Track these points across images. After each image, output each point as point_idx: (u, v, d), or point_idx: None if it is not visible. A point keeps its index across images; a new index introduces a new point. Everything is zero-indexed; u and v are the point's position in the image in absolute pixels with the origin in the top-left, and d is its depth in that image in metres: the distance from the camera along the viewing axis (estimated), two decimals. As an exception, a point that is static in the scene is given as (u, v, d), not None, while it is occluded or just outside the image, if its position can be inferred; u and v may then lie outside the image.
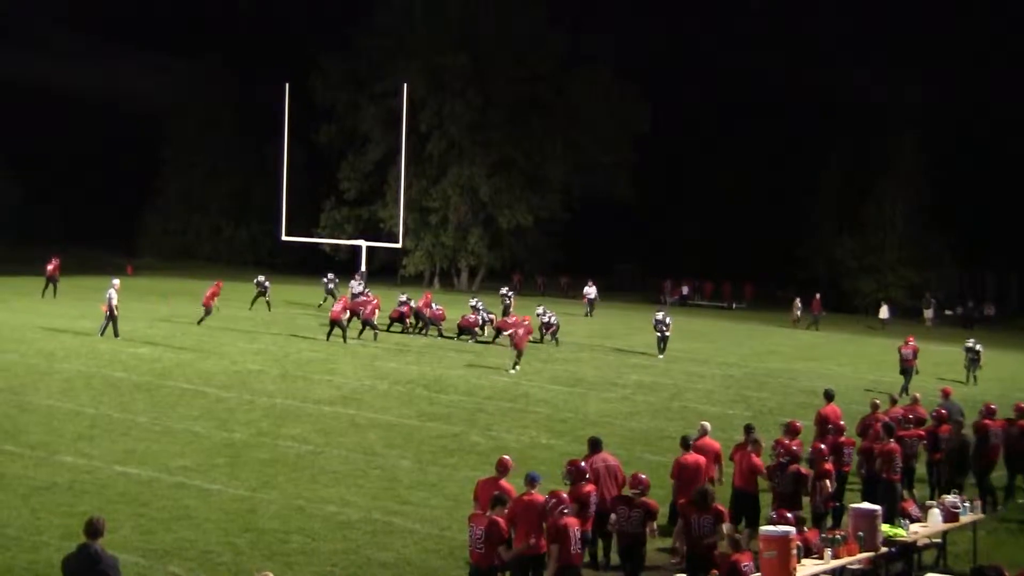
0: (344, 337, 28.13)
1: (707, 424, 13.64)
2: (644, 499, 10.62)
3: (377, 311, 29.76)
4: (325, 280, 39.73)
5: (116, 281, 28.08)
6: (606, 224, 65.06)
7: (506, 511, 9.62)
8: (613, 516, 10.68)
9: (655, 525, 10.57)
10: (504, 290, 36.84)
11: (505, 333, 28.25)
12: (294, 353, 26.20)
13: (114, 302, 26.86)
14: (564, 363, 27.21)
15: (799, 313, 45.71)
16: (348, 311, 29.52)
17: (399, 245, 48.26)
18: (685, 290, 58.28)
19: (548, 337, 30.55)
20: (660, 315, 30.20)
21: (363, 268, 43.09)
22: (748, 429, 13.03)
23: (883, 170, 55.65)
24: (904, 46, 59.26)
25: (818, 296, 46.47)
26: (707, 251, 64.45)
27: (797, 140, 61.73)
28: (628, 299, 52.88)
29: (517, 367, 24.75)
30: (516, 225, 59.47)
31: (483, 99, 57.96)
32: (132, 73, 74.21)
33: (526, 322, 26.72)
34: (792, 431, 12.88)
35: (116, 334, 26.79)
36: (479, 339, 30.67)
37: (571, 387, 23.48)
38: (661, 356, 29.28)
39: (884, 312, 47.64)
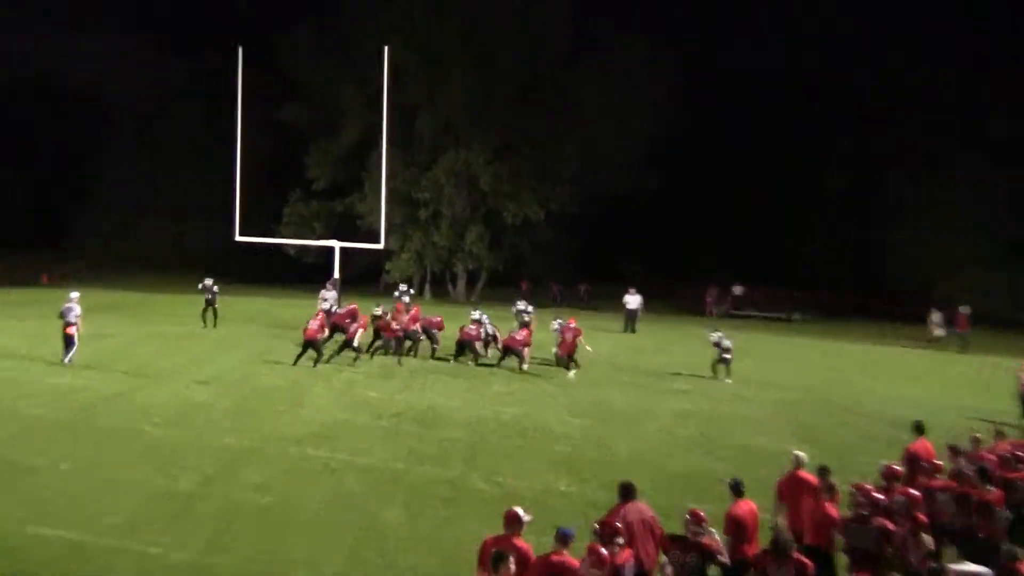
0: (317, 359, 28.14)
1: (801, 455, 13.57)
2: (703, 539, 10.29)
3: (362, 330, 29.78)
4: (324, 292, 38.99)
5: (75, 295, 28.15)
6: (627, 221, 66.37)
7: None
8: (664, 560, 10.32)
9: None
10: (521, 305, 36.10)
11: (521, 350, 29.27)
12: (253, 380, 26.00)
13: (75, 319, 26.56)
14: (587, 388, 26.67)
15: (939, 331, 44.67)
16: (327, 328, 29.78)
17: (381, 246, 46.22)
18: (739, 290, 58.47)
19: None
20: (717, 336, 30.44)
21: (336, 275, 41.95)
22: (821, 472, 12.82)
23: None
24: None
25: (964, 311, 44.19)
26: (757, 252, 65.11)
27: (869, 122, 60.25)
28: (658, 309, 52.45)
29: (572, 370, 26.79)
30: (523, 220, 59.43)
31: (484, 72, 58.19)
32: (59, 42, 73.22)
33: (572, 323, 29.20)
34: (891, 476, 12.91)
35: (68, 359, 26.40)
36: (482, 360, 30.15)
37: (595, 418, 23.11)
38: (728, 380, 29.52)
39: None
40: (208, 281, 37.75)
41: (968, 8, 55.26)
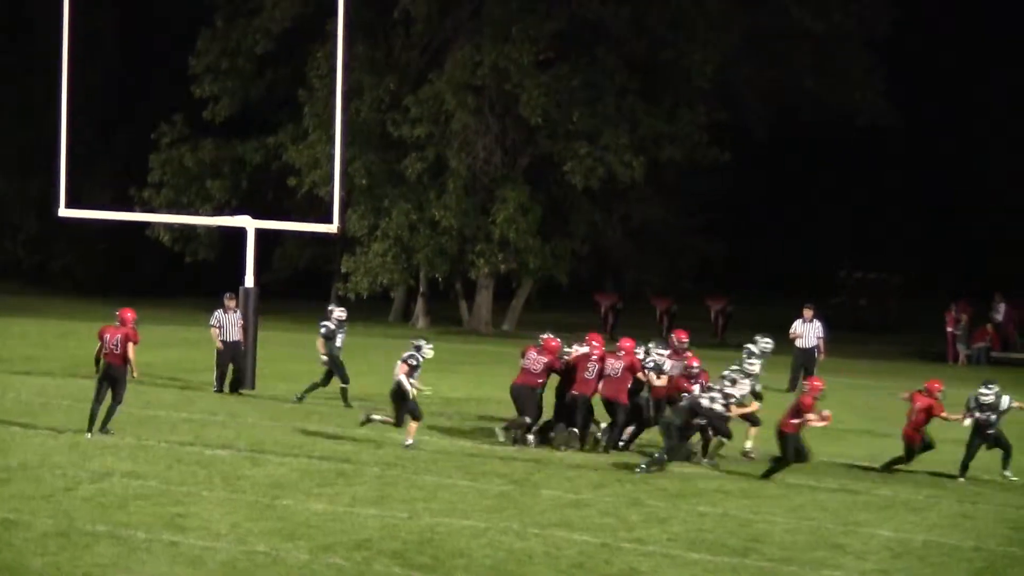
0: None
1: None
2: None
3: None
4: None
5: None
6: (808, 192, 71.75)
7: None
8: None
9: None
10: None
11: None
12: (90, 465, 24.18)
13: None
14: (718, 499, 22.83)
15: None
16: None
17: (333, 228, 40.30)
18: (1001, 312, 55.55)
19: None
20: (990, 394, 26.60)
21: (249, 283, 37.69)
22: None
23: None
24: None
25: None
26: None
27: None
28: (847, 345, 50.25)
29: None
30: (607, 180, 55.67)
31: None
32: None
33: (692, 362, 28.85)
34: None
35: None
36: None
37: (736, 556, 18.72)
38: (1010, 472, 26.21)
39: None
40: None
41: None
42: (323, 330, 34.76)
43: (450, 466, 26.41)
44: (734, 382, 28.43)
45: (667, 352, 29.99)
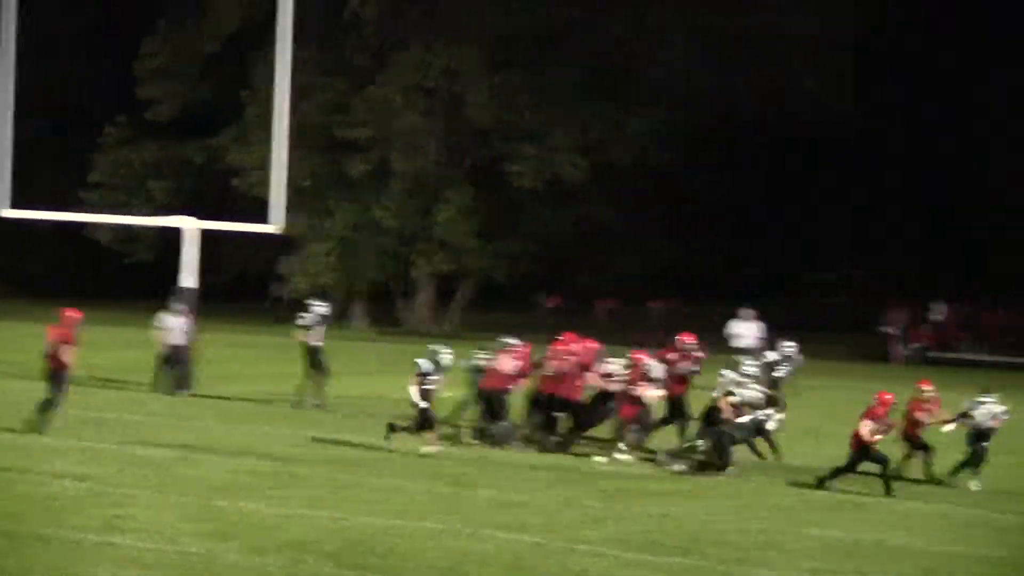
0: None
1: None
2: None
3: None
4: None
5: None
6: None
7: None
8: None
9: None
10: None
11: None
12: (39, 467, 23.79)
13: None
14: (653, 498, 22.79)
15: None
16: None
17: (276, 229, 39.98)
18: (940, 313, 58.29)
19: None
20: (986, 407, 26.57)
21: (188, 283, 37.78)
22: None
23: None
24: None
25: None
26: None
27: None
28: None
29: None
30: (551, 181, 56.82)
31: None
32: None
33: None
34: None
35: None
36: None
37: (673, 555, 18.77)
38: (974, 484, 25.53)
39: None
40: None
41: None
42: (302, 322, 35.25)
43: (388, 467, 26.24)
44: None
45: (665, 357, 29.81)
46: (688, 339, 30.49)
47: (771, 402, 29.58)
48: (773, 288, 63.87)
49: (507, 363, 29.71)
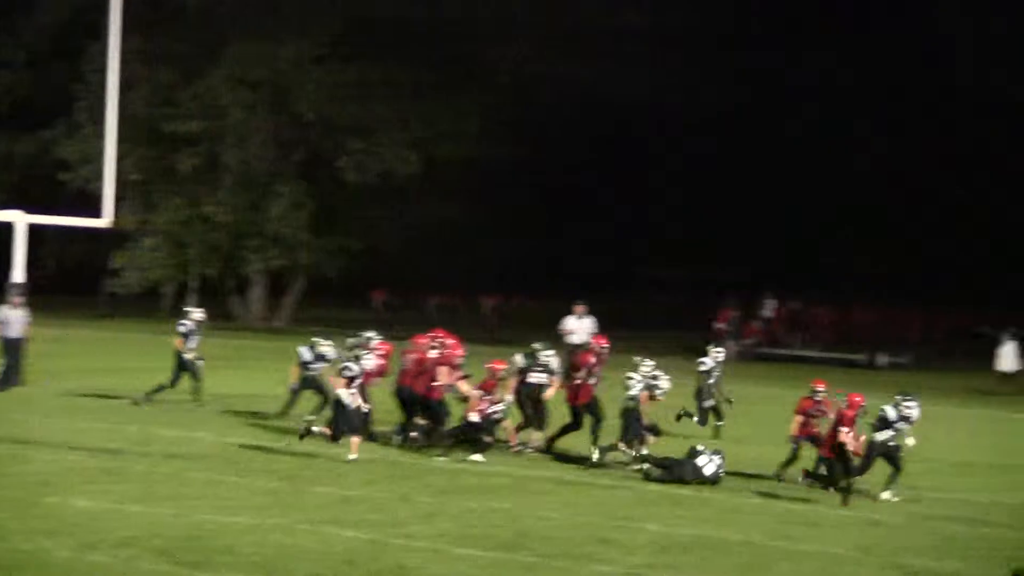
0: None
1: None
2: None
3: None
4: (189, 320, 35.04)
5: None
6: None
7: None
8: None
9: None
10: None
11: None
12: None
13: None
14: (486, 495, 22.78)
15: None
16: None
17: (106, 223, 40.55)
18: (769, 309, 58.44)
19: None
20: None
21: (18, 278, 36.94)
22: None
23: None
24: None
25: None
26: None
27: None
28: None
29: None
30: (382, 175, 56.81)
31: None
32: None
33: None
34: None
35: None
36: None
37: (504, 551, 18.73)
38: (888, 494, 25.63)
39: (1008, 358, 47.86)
40: None
41: None
42: (182, 328, 34.80)
43: (219, 463, 26.01)
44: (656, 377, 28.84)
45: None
46: (601, 342, 30.24)
47: (714, 412, 30.44)
48: (609, 284, 63.75)
49: (368, 359, 29.53)
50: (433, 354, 28.96)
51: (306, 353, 31.31)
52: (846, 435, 24.43)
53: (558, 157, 67.88)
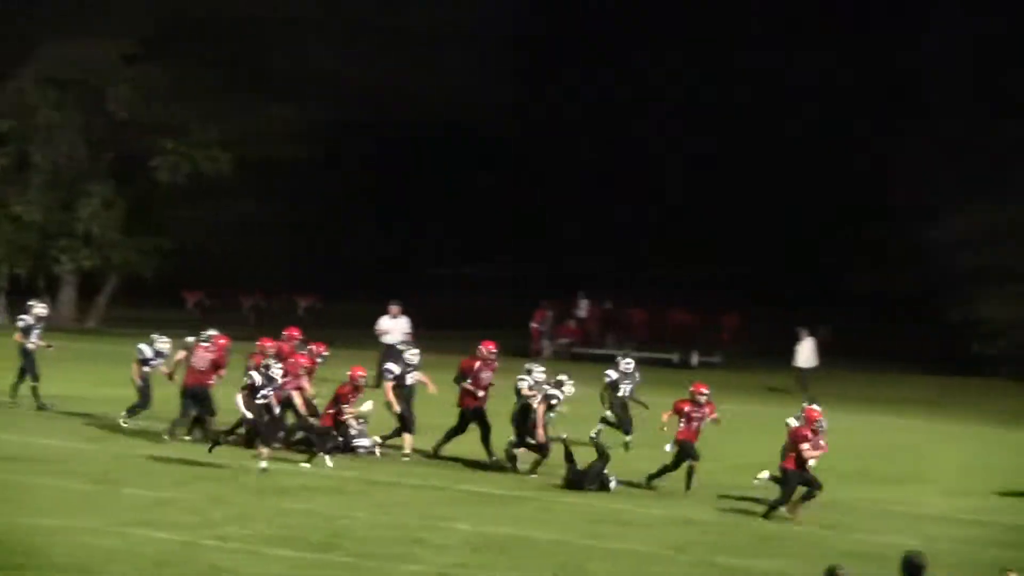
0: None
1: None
2: None
3: None
4: (29, 315, 34.25)
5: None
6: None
7: None
8: None
9: None
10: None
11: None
12: None
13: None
14: (302, 496, 22.62)
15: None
16: None
17: None
18: (583, 308, 58.55)
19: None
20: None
21: None
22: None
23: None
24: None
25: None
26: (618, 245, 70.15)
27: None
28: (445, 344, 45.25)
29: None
30: (194, 175, 55.80)
31: None
32: None
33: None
34: None
35: None
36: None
37: (319, 552, 18.75)
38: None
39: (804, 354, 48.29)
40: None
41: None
42: (21, 324, 34.01)
43: (28, 465, 25.49)
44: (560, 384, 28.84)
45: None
46: (489, 347, 30.19)
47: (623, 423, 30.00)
48: (429, 284, 63.65)
49: (204, 358, 29.29)
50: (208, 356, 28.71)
51: (146, 350, 30.90)
52: (809, 451, 24.01)
53: (366, 156, 67.19)
